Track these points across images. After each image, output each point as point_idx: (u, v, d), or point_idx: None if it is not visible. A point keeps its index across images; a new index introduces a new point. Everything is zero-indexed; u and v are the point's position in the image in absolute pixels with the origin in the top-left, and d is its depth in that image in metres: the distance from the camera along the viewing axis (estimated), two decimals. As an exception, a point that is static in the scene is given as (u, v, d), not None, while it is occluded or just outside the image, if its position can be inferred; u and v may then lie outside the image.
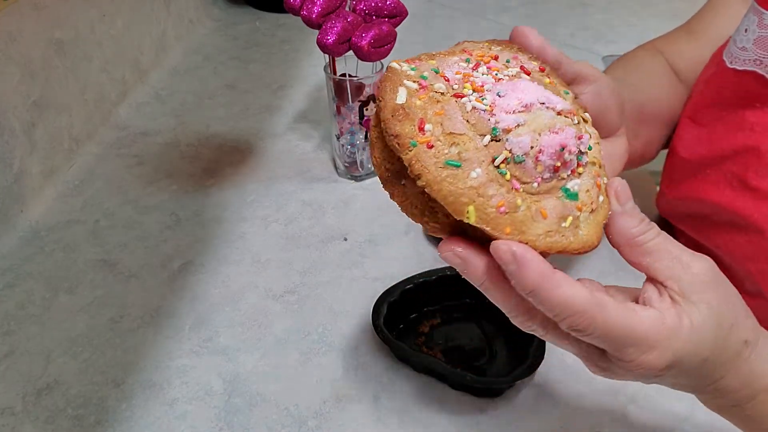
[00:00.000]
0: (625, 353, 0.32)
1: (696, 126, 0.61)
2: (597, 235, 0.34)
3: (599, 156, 0.35)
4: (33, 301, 0.62)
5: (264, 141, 0.86)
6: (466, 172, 0.30)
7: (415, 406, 0.52)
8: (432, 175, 0.30)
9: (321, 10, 0.65)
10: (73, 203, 0.75)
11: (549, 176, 0.32)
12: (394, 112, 0.32)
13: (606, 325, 0.31)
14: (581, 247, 0.33)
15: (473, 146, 0.31)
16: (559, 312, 0.31)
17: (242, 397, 0.53)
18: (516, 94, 0.33)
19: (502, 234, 0.30)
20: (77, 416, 0.52)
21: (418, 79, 0.33)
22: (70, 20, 0.80)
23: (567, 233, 0.32)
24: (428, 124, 0.31)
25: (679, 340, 0.33)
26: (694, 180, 0.60)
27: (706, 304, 0.33)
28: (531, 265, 0.30)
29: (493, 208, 0.30)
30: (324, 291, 0.63)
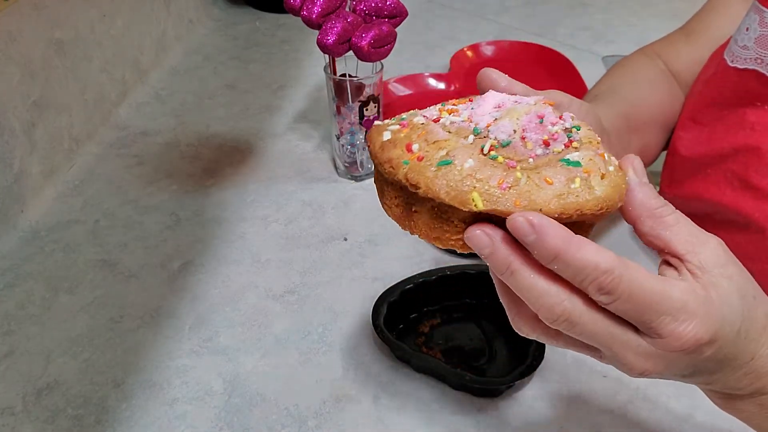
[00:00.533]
0: (662, 323, 0.30)
1: (696, 125, 0.61)
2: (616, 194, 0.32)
3: (594, 137, 0.35)
4: (33, 301, 0.62)
5: (264, 141, 0.86)
6: (459, 165, 0.31)
7: (414, 406, 0.52)
8: (428, 178, 0.31)
9: (321, 10, 0.65)
10: (73, 203, 0.75)
11: (542, 152, 0.32)
12: (382, 147, 0.34)
13: (635, 286, 0.30)
14: (600, 204, 0.31)
15: (460, 145, 0.32)
16: (586, 274, 0.29)
17: (242, 397, 0.53)
18: (488, 101, 0.34)
19: (513, 208, 0.30)
20: (77, 416, 0.52)
21: (398, 122, 0.35)
22: (70, 20, 0.80)
23: (580, 193, 0.31)
24: (415, 144, 0.33)
25: (715, 311, 0.31)
26: (694, 179, 0.60)
27: (727, 277, 0.32)
28: (550, 230, 0.29)
29: (495, 187, 0.30)
30: (324, 291, 0.63)
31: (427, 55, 1.09)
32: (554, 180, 0.31)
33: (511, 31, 1.17)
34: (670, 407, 0.51)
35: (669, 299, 0.30)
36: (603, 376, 0.54)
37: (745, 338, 0.33)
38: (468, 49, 1.05)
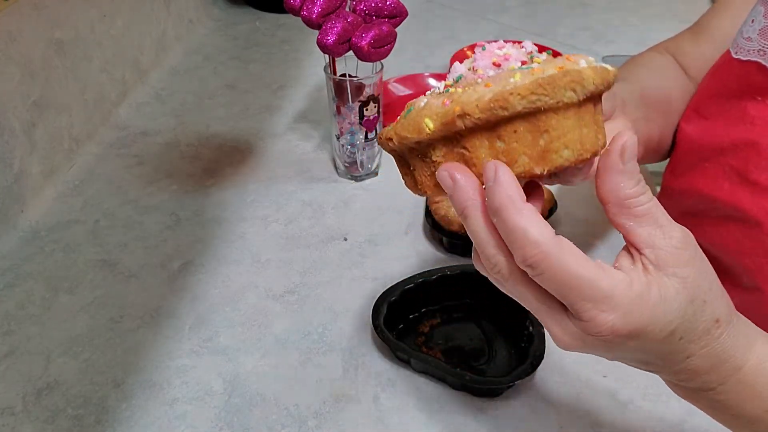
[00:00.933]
0: (583, 307, 0.31)
1: (699, 118, 0.60)
2: (566, 75, 0.31)
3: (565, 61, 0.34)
4: (33, 301, 0.62)
5: (264, 141, 0.86)
6: (416, 107, 0.34)
7: (414, 406, 0.52)
8: (395, 127, 0.34)
9: (321, 10, 0.65)
10: (73, 203, 0.75)
11: (494, 73, 0.33)
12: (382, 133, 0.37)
13: (560, 267, 0.30)
14: (539, 82, 0.31)
15: (427, 95, 0.35)
16: (514, 239, 0.30)
17: (242, 396, 0.53)
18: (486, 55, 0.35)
19: (452, 113, 0.31)
20: (77, 416, 0.52)
21: None
22: (70, 20, 0.80)
23: (518, 82, 0.31)
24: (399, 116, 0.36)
25: (645, 309, 0.31)
26: (693, 173, 0.60)
27: (680, 278, 0.32)
28: (504, 185, 0.30)
29: (439, 106, 0.32)
30: (324, 291, 0.63)
31: (427, 55, 1.09)
32: (494, 83, 0.31)
33: (511, 31, 1.17)
34: (670, 407, 0.51)
35: (594, 287, 0.31)
36: (603, 376, 0.54)
37: (680, 339, 0.33)
38: (468, 49, 1.05)
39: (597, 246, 0.67)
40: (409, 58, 1.08)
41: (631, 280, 0.32)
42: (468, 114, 0.31)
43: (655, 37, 1.19)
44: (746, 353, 0.35)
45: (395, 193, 0.76)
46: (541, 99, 0.31)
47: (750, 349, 0.35)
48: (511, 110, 0.31)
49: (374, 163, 0.79)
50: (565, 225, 0.70)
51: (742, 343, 0.35)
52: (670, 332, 0.32)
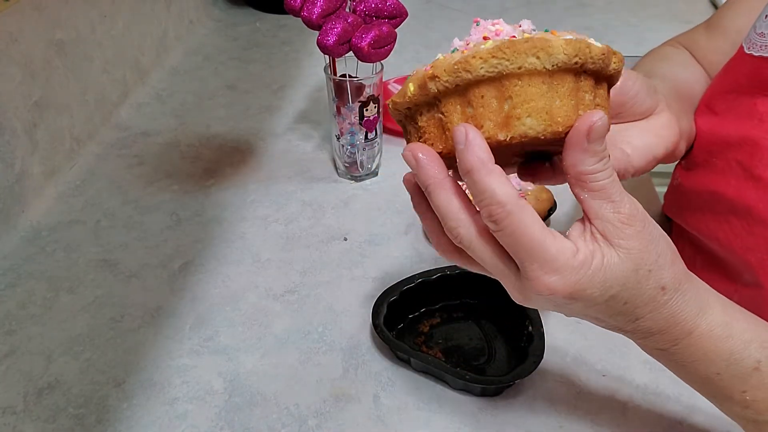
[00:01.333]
0: (530, 267, 0.34)
1: (710, 113, 0.60)
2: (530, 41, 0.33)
3: None
4: (34, 300, 0.62)
5: (264, 141, 0.87)
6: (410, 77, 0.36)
7: (414, 406, 0.52)
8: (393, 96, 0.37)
9: (321, 11, 0.65)
10: (74, 203, 0.75)
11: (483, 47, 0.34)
12: None
13: (519, 226, 0.33)
14: (500, 46, 0.32)
15: None
16: (482, 197, 0.33)
17: (242, 396, 0.53)
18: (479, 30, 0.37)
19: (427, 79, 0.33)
20: (78, 415, 0.52)
21: None
22: (70, 21, 0.80)
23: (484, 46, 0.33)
24: None
25: (585, 275, 0.34)
26: (703, 169, 0.59)
27: (625, 249, 0.35)
28: (475, 149, 0.33)
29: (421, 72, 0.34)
30: (324, 291, 0.63)
31: (427, 55, 1.09)
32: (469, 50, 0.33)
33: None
34: (670, 406, 0.51)
35: (543, 250, 0.34)
36: (603, 375, 0.54)
37: (625, 303, 0.36)
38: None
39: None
40: (409, 58, 1.08)
41: (577, 249, 0.34)
42: (437, 77, 0.33)
43: (655, 38, 1.19)
44: (697, 319, 0.37)
45: (395, 193, 0.77)
46: (501, 63, 0.32)
47: (702, 316, 0.37)
48: (474, 73, 0.32)
49: (374, 163, 0.79)
50: (564, 225, 0.70)
51: (692, 309, 0.37)
52: (611, 296, 0.35)
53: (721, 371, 0.38)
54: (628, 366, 0.54)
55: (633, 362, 0.55)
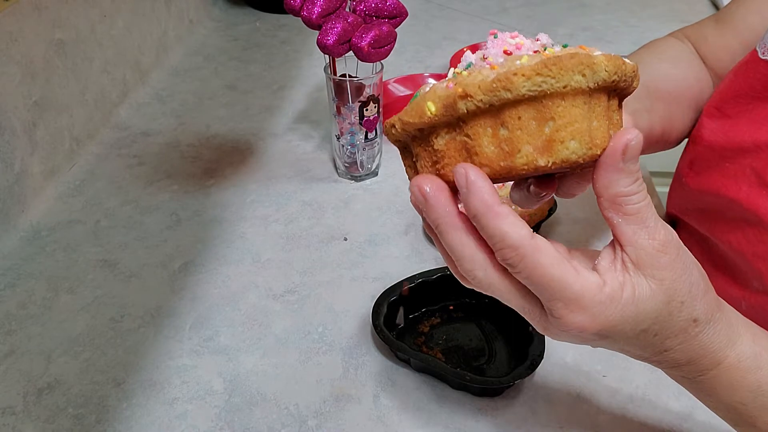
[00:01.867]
0: (555, 306, 0.33)
1: (722, 116, 0.60)
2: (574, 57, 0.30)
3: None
4: (34, 300, 0.62)
5: (264, 141, 0.87)
6: (421, 93, 0.32)
7: (414, 406, 0.52)
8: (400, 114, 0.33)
9: (321, 10, 0.65)
10: (74, 203, 0.75)
11: (504, 60, 0.31)
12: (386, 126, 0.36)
13: (535, 268, 0.32)
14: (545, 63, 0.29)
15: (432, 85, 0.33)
16: (494, 242, 0.32)
17: (242, 396, 0.53)
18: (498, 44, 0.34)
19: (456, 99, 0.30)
20: (78, 415, 0.52)
21: None
22: (70, 21, 0.80)
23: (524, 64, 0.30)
24: None
25: (615, 310, 0.33)
26: (712, 172, 0.59)
27: (657, 280, 0.33)
28: (478, 192, 0.31)
29: (443, 90, 0.31)
30: (324, 291, 0.63)
31: (427, 55, 1.10)
32: (498, 65, 0.30)
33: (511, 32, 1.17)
34: (670, 407, 0.51)
35: (566, 288, 0.32)
36: (603, 376, 0.54)
37: (655, 335, 0.34)
38: (468, 49, 1.05)
39: (596, 246, 0.67)
40: (409, 58, 1.08)
41: (604, 282, 0.33)
42: (470, 95, 0.30)
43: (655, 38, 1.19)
44: (726, 350, 0.36)
45: (395, 193, 0.77)
46: (546, 81, 0.29)
47: (731, 347, 0.36)
48: (514, 92, 0.29)
49: (374, 163, 0.79)
50: (565, 225, 0.70)
51: (722, 340, 0.36)
52: (642, 330, 0.34)
53: (747, 402, 0.37)
54: (628, 366, 0.54)
55: (633, 362, 0.55)
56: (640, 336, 0.34)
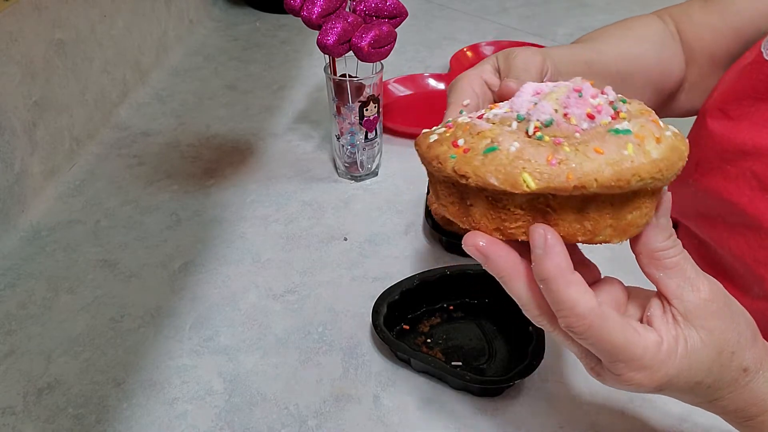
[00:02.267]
0: (617, 366, 0.33)
1: (724, 117, 0.59)
2: (675, 155, 0.31)
3: (645, 108, 0.35)
4: (34, 300, 0.62)
5: (264, 141, 0.87)
6: (505, 149, 0.31)
7: (414, 406, 0.52)
8: (476, 167, 0.31)
9: (321, 10, 0.65)
10: (74, 203, 0.75)
11: (588, 125, 0.32)
12: (429, 146, 0.35)
13: (602, 336, 0.32)
14: (658, 166, 0.30)
15: (504, 132, 0.32)
16: (561, 309, 0.32)
17: (242, 396, 0.53)
18: (527, 90, 0.35)
19: (566, 182, 0.30)
20: (78, 415, 0.52)
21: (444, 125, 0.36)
22: (70, 21, 0.80)
23: (635, 158, 0.30)
24: (460, 139, 0.33)
25: (673, 365, 0.34)
26: (715, 174, 0.59)
27: (707, 330, 0.34)
28: (554, 256, 0.31)
29: (544, 164, 0.30)
30: (324, 291, 0.63)
31: (427, 55, 1.10)
32: (605, 149, 0.30)
33: (511, 32, 1.18)
34: (670, 407, 0.51)
35: (629, 352, 0.33)
36: (602, 376, 0.54)
37: (708, 387, 0.35)
38: (468, 49, 1.05)
39: (598, 249, 0.67)
40: (409, 58, 1.08)
41: (662, 340, 0.33)
42: (585, 187, 0.30)
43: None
44: None
45: (395, 193, 0.77)
46: (656, 180, 0.31)
47: None
48: (626, 189, 0.30)
49: (374, 163, 0.79)
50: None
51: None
52: (696, 383, 0.35)
53: None
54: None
55: (633, 362, 0.55)
56: (694, 388, 0.35)
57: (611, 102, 0.33)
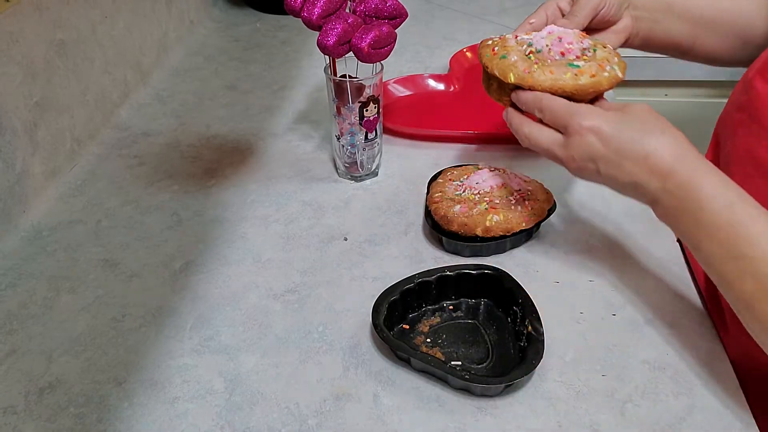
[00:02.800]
0: (573, 122, 0.52)
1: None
2: (593, 86, 0.56)
3: (610, 55, 0.59)
4: (35, 300, 0.62)
5: (264, 141, 0.87)
6: (509, 58, 0.58)
7: (414, 406, 0.52)
8: (493, 64, 0.59)
9: (321, 11, 0.66)
10: (75, 203, 0.75)
11: (558, 59, 0.57)
12: (481, 46, 0.63)
13: (553, 103, 0.55)
14: (577, 87, 0.55)
15: (516, 49, 0.59)
16: (531, 107, 0.57)
17: (243, 395, 0.53)
18: (545, 30, 0.60)
19: (525, 83, 0.56)
20: (79, 415, 0.52)
21: (499, 37, 0.63)
22: (71, 21, 0.80)
23: (567, 80, 0.55)
24: (495, 47, 0.61)
25: (603, 117, 0.52)
26: None
27: (631, 111, 0.52)
28: (524, 96, 0.57)
29: (522, 71, 0.57)
30: (324, 290, 0.63)
31: (427, 56, 1.10)
32: (555, 72, 0.56)
33: (510, 32, 1.18)
34: (669, 406, 0.52)
35: (578, 107, 0.53)
36: (602, 375, 0.54)
37: (632, 136, 0.51)
38: (467, 49, 1.05)
39: (596, 246, 0.67)
40: (409, 58, 1.08)
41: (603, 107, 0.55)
42: (533, 88, 0.56)
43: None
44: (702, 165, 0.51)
45: (395, 193, 0.77)
46: (573, 94, 0.56)
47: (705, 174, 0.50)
48: (557, 94, 0.56)
49: (374, 163, 0.79)
50: (564, 225, 0.70)
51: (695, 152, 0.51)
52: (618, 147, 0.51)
53: None
54: (627, 366, 0.55)
55: (633, 362, 0.55)
56: (621, 134, 0.51)
57: (584, 48, 0.58)
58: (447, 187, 0.70)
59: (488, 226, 0.64)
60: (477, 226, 0.64)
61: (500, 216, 0.64)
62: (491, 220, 0.64)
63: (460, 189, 0.69)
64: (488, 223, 0.64)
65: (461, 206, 0.66)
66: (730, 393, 0.52)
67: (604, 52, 0.58)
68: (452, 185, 0.70)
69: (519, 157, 0.82)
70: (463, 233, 0.65)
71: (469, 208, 0.65)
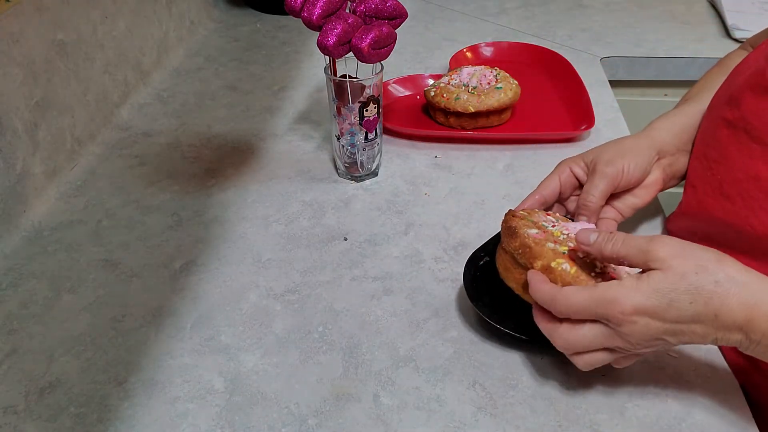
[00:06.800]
0: (610, 308, 0.45)
1: None
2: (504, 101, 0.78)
3: None
4: (36, 300, 0.63)
5: (265, 142, 0.87)
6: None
7: (414, 406, 0.52)
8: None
9: (321, 11, 0.66)
10: (76, 203, 0.75)
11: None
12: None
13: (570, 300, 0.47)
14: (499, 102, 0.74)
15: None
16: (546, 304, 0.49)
17: (243, 395, 0.53)
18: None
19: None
20: (79, 414, 0.52)
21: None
22: (72, 22, 0.80)
23: None
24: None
25: (639, 292, 0.44)
26: None
27: (661, 270, 0.45)
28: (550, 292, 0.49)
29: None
30: (324, 290, 0.63)
31: (427, 56, 1.10)
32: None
33: (510, 33, 1.18)
34: (669, 406, 0.52)
35: (599, 295, 0.46)
36: (602, 375, 0.54)
37: (689, 304, 0.44)
38: (467, 50, 1.05)
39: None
40: (409, 59, 1.08)
41: (621, 282, 0.45)
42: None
43: (653, 39, 1.19)
44: None
45: (395, 193, 0.77)
46: None
47: None
48: None
49: (374, 163, 0.79)
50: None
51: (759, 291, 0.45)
52: (670, 300, 0.44)
53: None
54: (627, 366, 0.55)
55: (632, 362, 0.55)
56: (670, 307, 0.44)
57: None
58: (539, 215, 0.58)
59: (552, 266, 0.51)
60: (538, 259, 0.51)
61: (572, 269, 0.50)
62: (559, 263, 0.51)
63: (552, 224, 0.56)
64: (554, 264, 0.51)
65: (539, 232, 0.53)
66: (730, 393, 0.52)
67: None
68: (547, 217, 0.58)
69: (519, 157, 0.82)
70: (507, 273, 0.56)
71: (545, 238, 0.53)
